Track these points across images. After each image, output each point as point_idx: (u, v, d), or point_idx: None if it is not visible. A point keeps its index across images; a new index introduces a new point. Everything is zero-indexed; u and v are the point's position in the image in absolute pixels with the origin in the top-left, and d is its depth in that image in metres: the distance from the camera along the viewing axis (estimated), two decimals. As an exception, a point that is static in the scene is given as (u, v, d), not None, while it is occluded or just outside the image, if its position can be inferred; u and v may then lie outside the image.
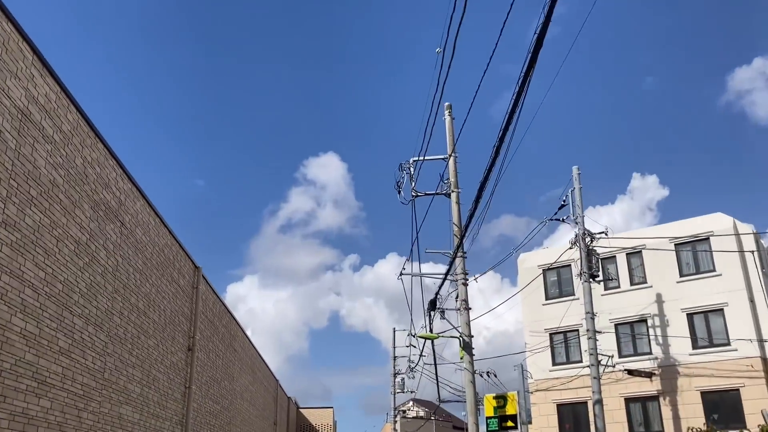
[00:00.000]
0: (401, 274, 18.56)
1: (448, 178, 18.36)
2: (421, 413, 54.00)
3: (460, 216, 17.21)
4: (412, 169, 18.51)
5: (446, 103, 18.92)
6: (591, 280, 22.62)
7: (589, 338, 21.75)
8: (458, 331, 16.65)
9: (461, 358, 16.40)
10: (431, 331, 17.68)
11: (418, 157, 18.34)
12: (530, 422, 18.74)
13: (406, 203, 18.36)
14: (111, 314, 11.95)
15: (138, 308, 13.30)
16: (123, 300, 12.53)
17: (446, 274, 16.80)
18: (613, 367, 23.92)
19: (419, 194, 18.35)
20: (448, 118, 18.65)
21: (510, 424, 16.61)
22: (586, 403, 26.24)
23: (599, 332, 24.60)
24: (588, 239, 23.03)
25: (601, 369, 21.72)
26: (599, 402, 20.96)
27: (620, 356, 24.92)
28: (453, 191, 18.04)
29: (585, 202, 23.25)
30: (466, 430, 52.58)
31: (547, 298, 28.52)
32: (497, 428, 16.76)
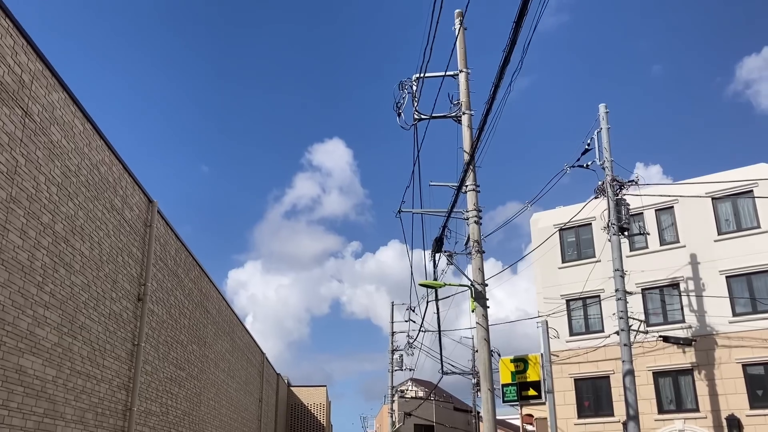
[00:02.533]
0: (399, 211, 15.40)
1: (458, 99, 15.16)
2: (420, 393, 51.06)
3: (473, 142, 14.01)
4: (414, 87, 15.29)
5: (457, 10, 15.69)
6: (620, 234, 19.47)
7: (618, 299, 18.63)
8: (468, 279, 13.51)
9: (473, 311, 13.29)
10: (435, 278, 14.59)
11: (421, 73, 15.09)
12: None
13: (407, 128, 15.17)
14: (5, 230, 8.79)
15: (54, 231, 10.14)
16: (27, 215, 9.36)
17: (451, 207, 13.63)
18: (646, 333, 20.84)
19: (423, 117, 15.15)
20: (458, 27, 15.41)
21: (532, 392, 13.59)
22: (608, 377, 23.20)
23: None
24: (617, 187, 19.86)
25: (632, 336, 18.62)
26: (630, 373, 17.88)
27: (648, 325, 21.83)
28: (464, 113, 14.85)
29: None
30: (471, 412, 49.67)
31: (563, 261, 25.40)
32: (516, 398, 13.74)
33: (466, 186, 14.11)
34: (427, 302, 25.86)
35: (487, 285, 13.48)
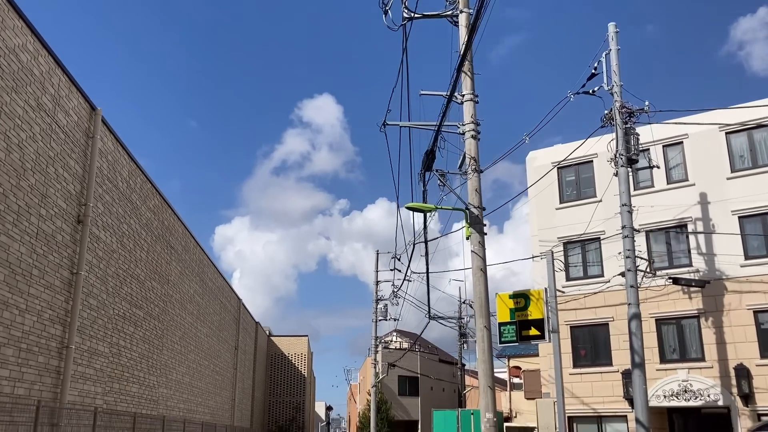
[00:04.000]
0: (384, 124, 13.33)
1: (454, -4, 12.98)
2: (405, 345, 49.83)
3: (470, 34, 11.89)
4: (403, -21, 13.08)
5: None
6: (628, 166, 17.59)
7: (625, 237, 16.86)
8: (463, 202, 11.60)
9: (467, 238, 11.42)
10: (425, 200, 12.69)
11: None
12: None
13: (395, 28, 13.02)
14: None
15: (-53, 119, 8.05)
16: None
17: (443, 114, 11.61)
18: (654, 274, 19.14)
19: (414, 16, 13.00)
20: None
21: (533, 332, 11.85)
22: (607, 324, 21.62)
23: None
24: (626, 115, 17.91)
25: (639, 277, 16.92)
26: (637, 317, 16.22)
27: (653, 270, 20.13)
28: (461, 11, 12.71)
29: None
30: (457, 365, 48.54)
31: (561, 201, 23.57)
32: (515, 338, 12.03)
33: (463, 95, 12.08)
34: (413, 246, 24.05)
35: (484, 209, 11.58)
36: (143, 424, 14.43)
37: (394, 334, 53.68)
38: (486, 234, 11.44)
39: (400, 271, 41.75)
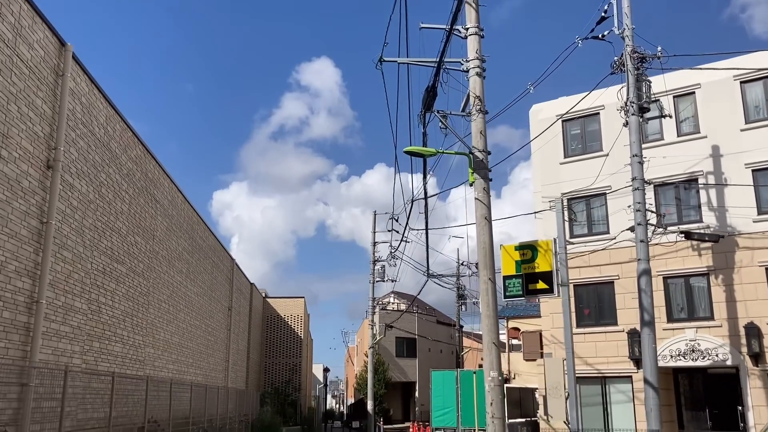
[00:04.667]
0: (380, 60, 12.24)
1: None
2: (402, 307, 49.33)
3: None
4: None
5: None
6: (640, 114, 16.61)
7: (636, 189, 15.96)
8: (467, 145, 10.65)
9: (471, 184, 10.50)
10: (425, 144, 11.73)
11: None
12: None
13: (391, -43, 11.85)
14: None
15: None
16: None
17: (442, 54, 10.57)
18: (664, 228, 18.29)
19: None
20: None
21: (541, 285, 11.01)
22: (612, 282, 20.85)
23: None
24: (637, 60, 16.86)
25: (649, 232, 16.08)
26: (647, 273, 15.42)
27: (662, 224, 19.26)
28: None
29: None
30: (455, 326, 48.10)
31: (566, 156, 22.62)
32: (520, 292, 11.21)
33: (467, 29, 11.04)
34: (412, 203, 23.18)
35: (489, 153, 10.64)
36: (126, 384, 13.69)
37: (392, 295, 53.18)
38: (491, 180, 10.52)
39: (398, 232, 40.93)
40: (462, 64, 11.10)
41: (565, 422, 12.23)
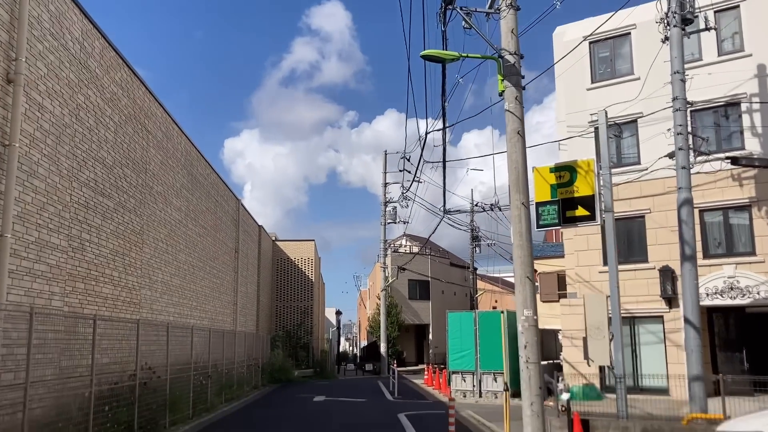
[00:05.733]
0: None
1: None
2: (415, 250, 48.15)
3: None
4: None
5: None
6: (682, 27, 14.79)
7: (677, 110, 14.31)
8: (494, 48, 9.03)
9: (500, 93, 8.94)
10: (444, 47, 10.10)
11: None
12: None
13: None
14: None
15: None
16: None
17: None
18: (707, 154, 16.66)
19: None
20: None
21: (581, 212, 9.57)
22: (642, 217, 19.34)
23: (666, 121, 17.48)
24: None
25: (690, 158, 14.48)
26: (688, 203, 13.92)
27: (699, 154, 17.61)
28: None
29: None
30: (468, 268, 46.98)
31: (593, 81, 20.80)
32: (556, 220, 9.80)
33: None
34: (425, 134, 21.54)
35: (522, 57, 9.02)
36: (115, 329, 12.51)
37: (404, 238, 51.99)
38: (524, 89, 8.94)
39: (409, 172, 39.42)
40: (488, -47, 9.39)
41: (608, 366, 10.94)
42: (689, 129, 18.34)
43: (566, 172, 10.01)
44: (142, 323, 13.32)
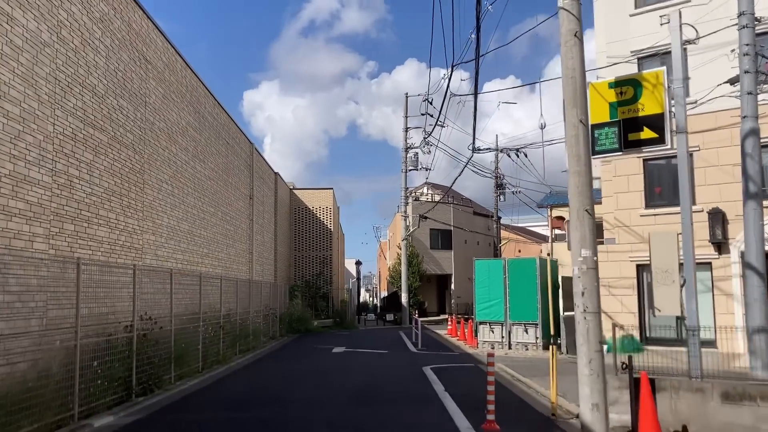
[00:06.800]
0: None
1: None
2: (437, 198, 46.64)
3: None
4: None
5: None
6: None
7: (743, 27, 12.47)
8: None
9: (555, -13, 7.25)
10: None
11: None
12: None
13: None
14: None
15: None
16: None
17: None
18: (776, 79, 14.87)
19: None
20: None
21: (647, 134, 7.99)
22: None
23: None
24: None
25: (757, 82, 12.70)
26: (754, 133, 12.23)
27: (762, 81, 15.73)
28: None
29: None
30: (492, 217, 45.42)
31: (636, 6, 18.85)
32: (616, 144, 8.27)
33: None
34: (452, 68, 19.75)
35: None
36: (112, 275, 11.29)
37: (426, 186, 50.45)
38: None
39: (431, 116, 37.64)
40: None
41: (679, 317, 9.52)
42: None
43: (629, 87, 8.40)
44: (140, 269, 12.10)
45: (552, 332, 16.46)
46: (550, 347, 9.19)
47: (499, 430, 7.75)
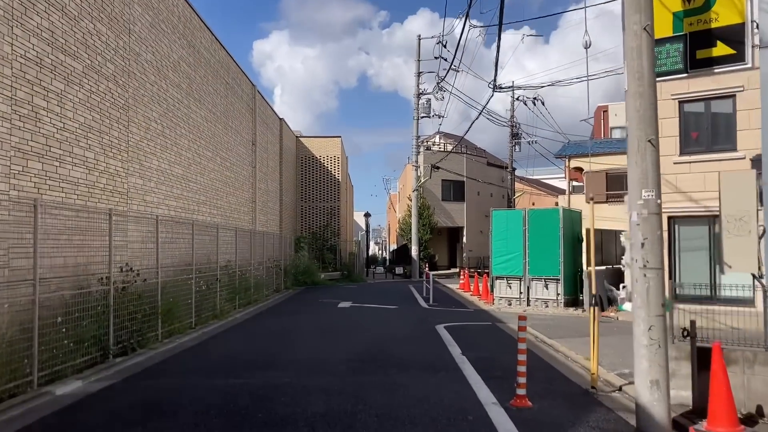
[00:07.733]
0: None
1: None
2: (449, 148, 44.96)
3: None
4: None
5: None
6: None
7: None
8: None
9: None
10: None
11: None
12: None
13: None
14: None
15: None
16: None
17: None
18: None
19: None
20: None
21: (721, 49, 6.33)
22: (732, 96, 15.94)
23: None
24: None
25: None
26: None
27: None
28: None
29: None
30: (506, 168, 43.77)
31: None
32: (681, 65, 6.74)
33: None
34: (468, 8, 18.00)
35: None
36: (89, 221, 10.01)
37: (438, 135, 48.75)
38: None
39: (445, 59, 35.71)
40: None
41: (755, 275, 8.14)
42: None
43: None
44: (118, 214, 10.82)
45: (594, 293, 15.13)
46: (591, 308, 7.87)
47: (531, 408, 6.52)
